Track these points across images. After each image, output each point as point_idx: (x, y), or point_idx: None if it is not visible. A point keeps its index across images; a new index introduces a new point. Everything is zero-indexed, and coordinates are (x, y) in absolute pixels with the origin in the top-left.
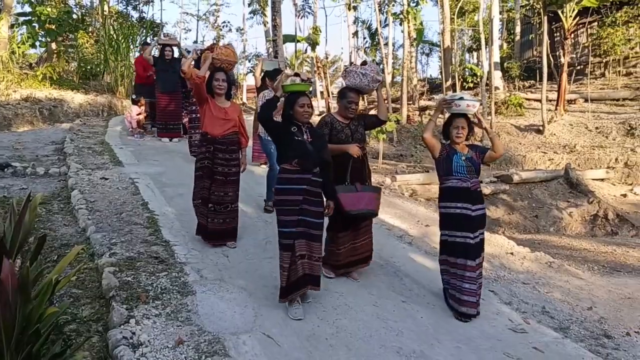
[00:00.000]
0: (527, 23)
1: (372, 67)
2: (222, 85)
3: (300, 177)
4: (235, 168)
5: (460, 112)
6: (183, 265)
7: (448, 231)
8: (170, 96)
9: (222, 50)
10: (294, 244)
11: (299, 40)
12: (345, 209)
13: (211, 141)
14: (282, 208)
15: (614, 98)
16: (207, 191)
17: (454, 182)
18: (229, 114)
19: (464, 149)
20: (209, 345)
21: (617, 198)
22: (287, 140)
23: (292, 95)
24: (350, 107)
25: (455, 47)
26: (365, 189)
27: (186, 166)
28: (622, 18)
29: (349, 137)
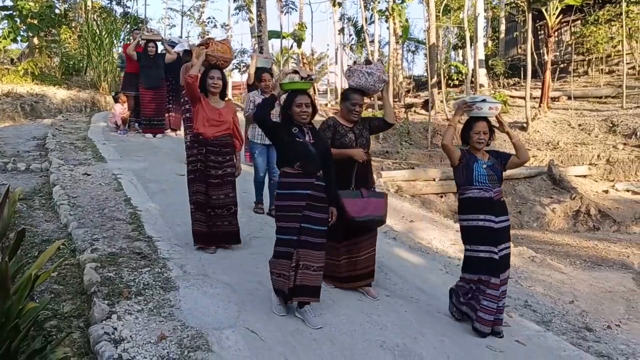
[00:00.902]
0: (511, 21)
1: (377, 66)
2: (217, 83)
3: (303, 181)
4: (230, 169)
5: (482, 115)
6: (166, 260)
7: (470, 245)
8: (154, 92)
9: (218, 46)
10: (293, 253)
11: (285, 36)
12: (351, 216)
13: (203, 143)
14: (283, 214)
15: (597, 96)
16: (203, 196)
17: (474, 192)
18: (223, 115)
19: (484, 156)
20: (191, 340)
21: (599, 194)
22: (287, 142)
23: (291, 94)
24: (354, 109)
25: (441, 44)
26: (371, 194)
27: (170, 162)
28: (604, 16)
29: (353, 142)
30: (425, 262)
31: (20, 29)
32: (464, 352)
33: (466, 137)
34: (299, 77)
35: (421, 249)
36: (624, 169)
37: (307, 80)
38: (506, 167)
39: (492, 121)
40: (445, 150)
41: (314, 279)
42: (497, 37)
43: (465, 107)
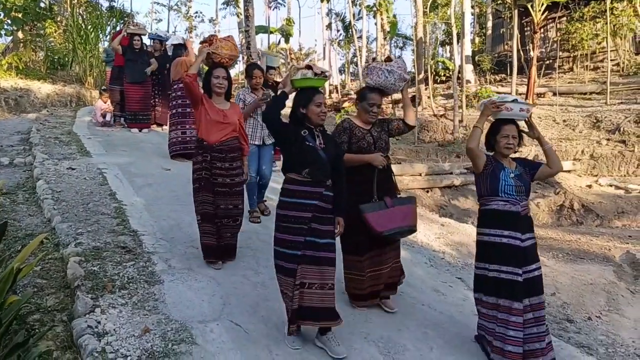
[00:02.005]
0: (498, 17)
1: (398, 63)
2: (222, 83)
3: (311, 190)
4: (238, 178)
5: (512, 117)
6: (151, 254)
7: (489, 264)
8: (139, 86)
9: (222, 43)
10: (296, 270)
11: (272, 31)
12: (378, 231)
13: (207, 149)
14: (286, 225)
15: (582, 92)
16: (211, 206)
17: (499, 205)
18: (229, 117)
19: (511, 164)
20: (176, 333)
21: (583, 189)
22: (295, 145)
23: (305, 92)
24: (372, 110)
25: (428, 40)
26: (397, 202)
27: (156, 157)
28: (589, 13)
29: (372, 146)
30: (411, 256)
31: (4, 22)
32: (446, 343)
33: (491, 141)
34: (312, 73)
35: (406, 242)
36: (607, 164)
37: (321, 77)
38: (535, 178)
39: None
40: (469, 154)
41: (326, 299)
42: (484, 34)
43: (494, 108)
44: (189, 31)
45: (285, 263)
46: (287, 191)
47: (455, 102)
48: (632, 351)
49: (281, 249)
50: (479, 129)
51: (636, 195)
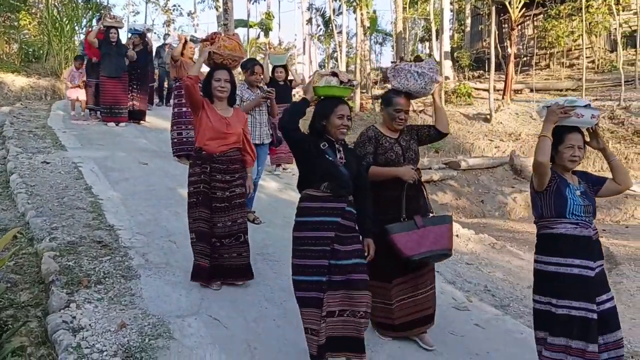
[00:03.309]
0: (476, 14)
1: (429, 64)
2: (224, 87)
3: (331, 206)
4: (239, 189)
5: (581, 125)
6: (127, 249)
7: (556, 299)
8: (116, 80)
9: (225, 42)
10: (323, 299)
11: (252, 25)
12: (407, 255)
13: (207, 159)
14: (305, 249)
15: (558, 88)
16: (206, 223)
17: (568, 229)
18: (232, 125)
19: (573, 179)
20: (153, 328)
21: None
22: (314, 159)
23: (327, 101)
24: (399, 116)
25: (407, 36)
26: (428, 222)
27: (133, 151)
28: (565, 11)
29: (400, 156)
30: None
31: None
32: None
33: (554, 152)
34: (337, 80)
35: None
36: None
37: (347, 86)
38: (599, 194)
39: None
40: (539, 169)
41: (356, 327)
42: (462, 30)
43: (562, 113)
44: (167, 24)
45: (309, 293)
46: (304, 210)
47: None
48: None
49: (302, 277)
50: (548, 139)
51: None
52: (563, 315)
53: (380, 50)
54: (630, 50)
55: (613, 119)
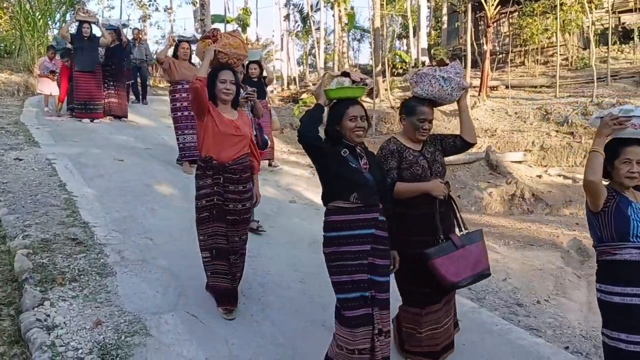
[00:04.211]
0: (453, 11)
1: (455, 68)
2: (229, 89)
3: (365, 217)
4: (248, 203)
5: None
6: (103, 246)
7: (625, 334)
8: (89, 75)
9: (229, 39)
10: (373, 315)
11: (229, 21)
12: (452, 281)
13: (220, 169)
14: (341, 264)
15: (533, 85)
16: (224, 239)
17: (633, 254)
18: (241, 129)
19: (636, 196)
20: (129, 325)
21: (533, 179)
22: (338, 168)
23: (338, 104)
24: (423, 126)
25: (385, 33)
26: (465, 240)
27: (108, 147)
28: (539, 9)
29: (427, 170)
30: None
31: None
32: None
33: (609, 167)
34: (350, 81)
35: None
36: (556, 155)
37: (360, 86)
38: None
39: None
40: (590, 188)
41: (388, 347)
42: (439, 27)
43: (616, 125)
44: (142, 20)
45: (360, 310)
46: (335, 224)
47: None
48: (577, 332)
49: (347, 294)
50: (599, 154)
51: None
52: (634, 353)
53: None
54: (602, 47)
55: (586, 115)
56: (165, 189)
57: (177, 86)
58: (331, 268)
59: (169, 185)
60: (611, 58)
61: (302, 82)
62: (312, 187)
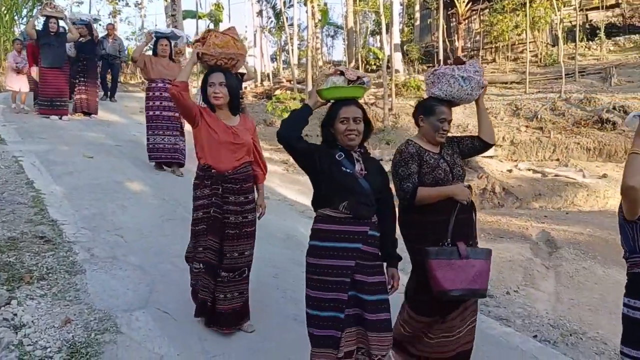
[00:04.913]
0: (426, 8)
1: (474, 66)
2: (218, 92)
3: (352, 229)
4: (251, 215)
5: None
6: (72, 244)
7: None
8: (56, 71)
9: (217, 39)
10: (340, 338)
11: (201, 17)
12: (443, 288)
13: (218, 179)
14: (321, 279)
15: (503, 81)
16: (216, 254)
17: None
18: (240, 135)
19: None
20: (99, 322)
21: (504, 173)
22: (329, 173)
23: (335, 104)
24: (443, 127)
25: (358, 30)
26: (472, 253)
27: (77, 144)
28: (509, 6)
29: (448, 174)
30: None
31: None
32: None
33: None
34: (344, 79)
35: None
36: (525, 150)
37: (357, 85)
38: None
39: None
40: (628, 194)
41: None
42: (412, 24)
43: None
44: (112, 15)
45: (323, 331)
46: (320, 233)
47: (385, 90)
48: (545, 321)
49: (315, 311)
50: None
51: (551, 178)
52: None
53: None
54: (570, 44)
55: (555, 111)
56: (135, 186)
57: (151, 84)
58: (310, 281)
59: (140, 182)
60: (579, 55)
61: (276, 78)
62: (286, 183)
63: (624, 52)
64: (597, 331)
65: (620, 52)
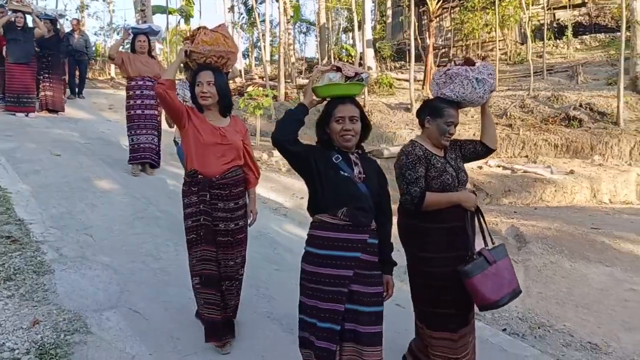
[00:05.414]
0: (397, 6)
1: (487, 68)
2: (205, 92)
3: (351, 237)
4: (242, 221)
5: None
6: (40, 244)
7: None
8: (23, 67)
9: (206, 36)
10: (335, 352)
11: (171, 12)
12: (491, 301)
13: (206, 185)
14: (316, 287)
15: None
16: (214, 264)
17: None
18: (229, 137)
19: None
20: (68, 323)
21: (474, 170)
22: (325, 176)
23: (330, 103)
24: (450, 131)
25: (330, 26)
26: (494, 254)
27: (44, 142)
28: (479, 4)
29: (455, 179)
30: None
31: None
32: None
33: None
34: (342, 76)
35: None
36: None
37: (354, 82)
38: None
39: None
40: None
41: None
42: (384, 22)
43: None
44: (80, 10)
45: (319, 341)
46: (317, 239)
47: None
48: (514, 315)
49: (310, 319)
50: None
51: (521, 174)
52: None
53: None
54: (539, 42)
55: (523, 108)
56: (105, 184)
57: (131, 82)
58: (305, 289)
59: (109, 181)
60: (547, 53)
61: (248, 74)
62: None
63: (590, 50)
64: (564, 323)
65: (587, 50)
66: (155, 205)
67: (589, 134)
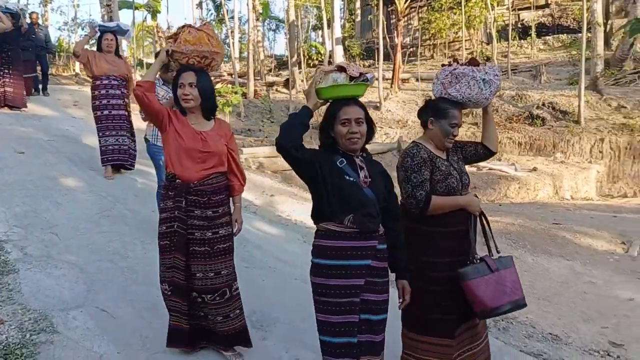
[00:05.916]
0: (366, 4)
1: (493, 69)
2: (187, 94)
3: (360, 245)
4: (224, 229)
5: None
6: (3, 243)
7: None
8: None
9: (189, 35)
10: None
11: (137, 7)
12: (488, 307)
13: (182, 190)
14: (333, 301)
15: None
16: (182, 273)
17: None
18: (210, 142)
19: None
20: (34, 323)
21: None
22: (330, 182)
23: (334, 104)
24: (454, 132)
25: (300, 24)
26: (498, 262)
27: (6, 139)
28: (447, 4)
29: (459, 182)
30: (285, 234)
31: None
32: None
33: None
34: (346, 76)
35: (281, 221)
36: None
37: (359, 82)
38: None
39: None
40: None
41: None
42: (353, 20)
43: None
44: (43, 4)
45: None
46: (324, 250)
47: None
48: None
49: (330, 338)
50: None
51: (486, 172)
52: None
53: (274, 37)
54: (504, 43)
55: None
56: (70, 182)
57: (96, 82)
58: (318, 303)
59: (75, 178)
60: (511, 53)
61: (217, 72)
62: None
63: (553, 51)
64: (527, 316)
65: (550, 50)
66: (123, 204)
67: (551, 132)
